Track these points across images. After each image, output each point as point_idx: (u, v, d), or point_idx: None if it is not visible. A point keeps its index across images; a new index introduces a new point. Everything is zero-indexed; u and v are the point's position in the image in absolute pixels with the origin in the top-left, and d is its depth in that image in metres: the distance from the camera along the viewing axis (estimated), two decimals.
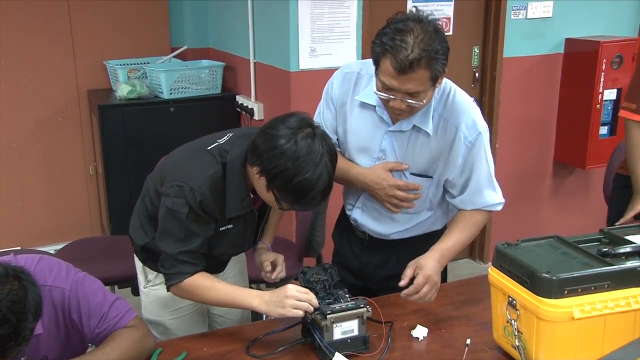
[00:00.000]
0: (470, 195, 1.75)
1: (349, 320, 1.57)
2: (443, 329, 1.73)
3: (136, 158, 3.52)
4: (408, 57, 1.47)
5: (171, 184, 1.57)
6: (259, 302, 1.58)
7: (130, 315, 1.51)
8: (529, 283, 1.39)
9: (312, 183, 1.46)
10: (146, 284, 1.84)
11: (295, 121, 1.50)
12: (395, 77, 1.51)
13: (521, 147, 3.78)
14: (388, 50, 1.49)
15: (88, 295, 1.45)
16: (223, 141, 1.63)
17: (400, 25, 1.50)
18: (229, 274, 1.92)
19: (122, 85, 3.57)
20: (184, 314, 1.82)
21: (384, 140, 1.73)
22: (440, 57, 1.50)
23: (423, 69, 1.49)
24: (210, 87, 3.70)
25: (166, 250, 1.60)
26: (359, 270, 1.97)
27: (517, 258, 1.45)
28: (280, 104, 3.25)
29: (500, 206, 1.80)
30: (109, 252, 2.70)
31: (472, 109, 1.70)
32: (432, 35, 1.49)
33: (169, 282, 1.62)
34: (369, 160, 1.78)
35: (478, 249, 3.93)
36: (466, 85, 3.64)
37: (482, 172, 1.73)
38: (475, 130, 1.68)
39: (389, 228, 1.86)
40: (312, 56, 3.09)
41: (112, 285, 2.51)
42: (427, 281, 1.67)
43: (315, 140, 1.47)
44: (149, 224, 1.73)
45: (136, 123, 3.52)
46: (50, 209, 3.99)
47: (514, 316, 1.45)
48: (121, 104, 3.52)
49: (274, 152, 1.46)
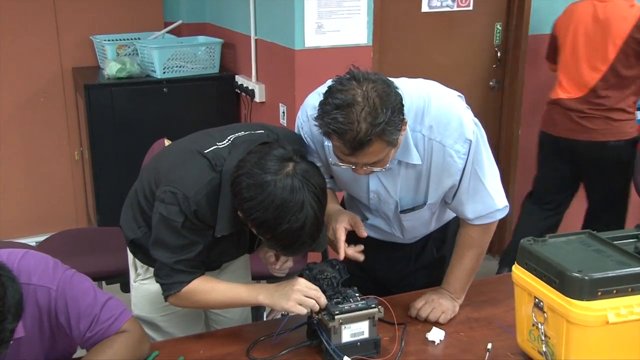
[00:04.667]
0: (473, 203, 1.73)
1: (359, 322, 1.56)
2: (461, 332, 1.72)
3: (126, 142, 3.51)
4: (356, 138, 1.44)
5: (165, 189, 1.57)
6: (265, 295, 1.59)
7: (125, 317, 1.50)
8: (558, 283, 1.38)
9: (297, 231, 1.47)
10: (136, 277, 1.85)
11: (273, 160, 1.48)
12: (349, 155, 1.50)
13: None
14: (332, 133, 1.47)
15: (77, 296, 1.44)
16: (223, 145, 1.63)
17: (339, 99, 1.45)
18: (230, 267, 1.92)
19: (110, 63, 3.55)
20: (176, 310, 1.82)
21: (371, 181, 1.74)
22: (391, 126, 1.47)
23: (376, 143, 1.47)
24: (207, 66, 3.69)
25: (161, 259, 1.61)
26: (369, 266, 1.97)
27: (545, 255, 1.44)
28: (284, 85, 3.23)
29: (506, 210, 1.77)
30: (96, 245, 2.70)
31: (454, 115, 1.64)
32: (376, 104, 1.44)
33: (166, 292, 1.64)
34: (365, 200, 1.81)
35: (497, 245, 3.92)
36: (486, 66, 3.62)
37: (487, 178, 1.71)
38: (465, 139, 1.63)
39: (396, 240, 1.91)
40: (318, 33, 3.07)
41: (100, 281, 2.51)
42: (426, 301, 1.78)
43: (295, 180, 1.46)
44: (142, 218, 1.74)
45: (126, 104, 3.51)
46: (32, 197, 3.98)
47: (541, 319, 1.45)
48: (109, 83, 3.50)
49: (251, 204, 1.46)
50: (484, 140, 1.70)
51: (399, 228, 1.86)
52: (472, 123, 1.66)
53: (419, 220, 1.83)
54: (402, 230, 1.87)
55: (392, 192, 1.75)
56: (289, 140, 1.68)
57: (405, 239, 1.91)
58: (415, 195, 1.75)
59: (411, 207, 1.77)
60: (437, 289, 1.84)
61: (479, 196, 1.72)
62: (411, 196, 1.75)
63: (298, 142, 1.74)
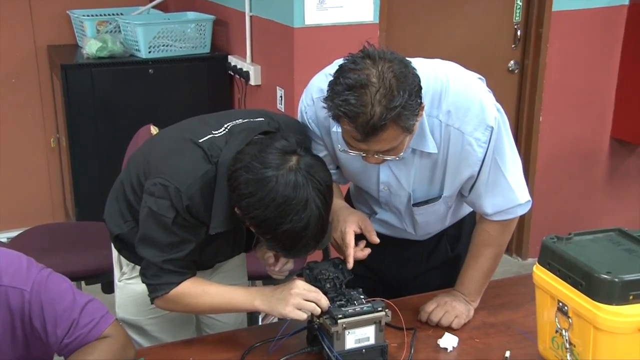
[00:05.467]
0: (492, 196, 1.73)
1: (364, 327, 1.56)
2: (476, 339, 1.73)
3: (107, 129, 3.51)
4: (369, 123, 1.43)
5: (155, 182, 1.57)
6: (261, 300, 1.59)
7: (107, 322, 1.50)
8: (585, 285, 1.38)
9: (299, 231, 1.46)
10: (121, 276, 1.86)
11: (275, 153, 1.47)
12: (361, 141, 1.50)
13: (571, 121, 3.76)
14: (343, 116, 1.46)
15: (54, 298, 1.43)
16: (219, 134, 1.62)
17: (351, 79, 1.44)
18: (224, 266, 1.92)
19: (90, 41, 3.54)
20: (165, 313, 1.83)
21: (382, 172, 1.74)
22: (408, 111, 1.46)
23: (391, 128, 1.46)
24: (197, 45, 3.68)
25: (149, 258, 1.61)
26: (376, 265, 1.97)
27: (570, 255, 1.44)
28: (281, 67, 3.22)
29: (528, 206, 1.78)
30: (75, 242, 2.70)
31: (475, 99, 1.64)
32: (392, 86, 1.43)
33: (152, 294, 1.64)
34: (374, 193, 1.81)
35: (516, 243, 3.93)
36: (505, 45, 3.61)
37: (509, 169, 1.71)
38: (486, 126, 1.63)
39: (407, 236, 1.91)
40: (320, 9, 3.06)
41: (79, 281, 2.52)
42: (438, 304, 1.78)
43: (299, 175, 1.46)
44: (128, 212, 1.74)
45: (107, 87, 3.51)
46: (3, 189, 3.98)
47: (565, 325, 1.45)
48: (89, 63, 3.50)
49: (250, 201, 1.46)
50: (506, 128, 1.69)
51: (411, 223, 1.86)
52: (494, 108, 1.66)
53: (433, 214, 1.83)
54: (414, 225, 1.86)
55: (405, 184, 1.74)
56: (292, 130, 1.68)
57: (417, 235, 1.91)
58: (429, 187, 1.74)
59: (425, 200, 1.77)
60: (450, 291, 1.84)
61: (499, 189, 1.72)
62: (425, 188, 1.75)
63: (301, 132, 1.73)
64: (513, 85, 3.72)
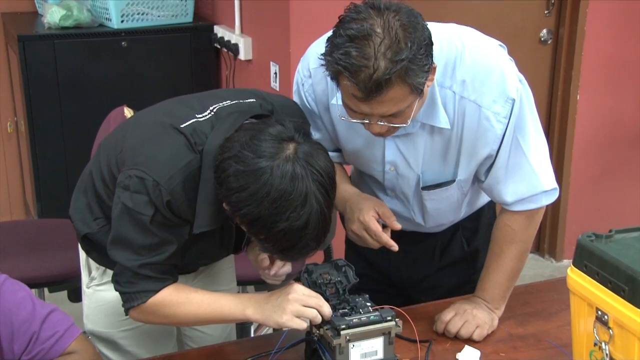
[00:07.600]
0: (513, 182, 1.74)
1: (372, 339, 1.57)
2: (502, 353, 1.73)
3: (74, 111, 3.52)
4: (372, 78, 1.43)
5: (130, 174, 1.57)
6: (254, 308, 1.59)
7: (72, 335, 1.50)
8: (628, 291, 1.38)
9: (298, 230, 1.47)
10: (89, 282, 1.86)
11: (269, 140, 1.47)
12: (362, 102, 1.50)
13: (613, 100, 3.77)
14: (343, 71, 1.46)
15: (9, 309, 1.44)
16: (203, 118, 1.62)
17: (353, 29, 1.44)
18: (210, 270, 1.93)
19: (52, 8, 3.54)
20: (141, 325, 1.83)
21: (388, 149, 1.74)
22: (416, 65, 1.46)
23: (397, 86, 1.47)
24: (178, 13, 3.69)
25: (123, 262, 1.61)
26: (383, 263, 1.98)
27: (610, 256, 1.44)
28: (275, 39, 3.23)
29: (555, 194, 1.78)
30: (36, 242, 2.71)
31: (494, 68, 1.65)
32: (399, 37, 1.44)
33: (127, 304, 1.63)
34: (379, 175, 1.81)
35: (548, 241, 3.94)
36: (537, 11, 3.61)
37: (532, 150, 1.72)
38: (507, 98, 1.64)
39: (416, 228, 1.92)
40: None
41: (40, 288, 2.53)
42: (456, 312, 1.79)
43: (297, 166, 1.46)
44: (98, 207, 1.74)
45: (73, 62, 3.51)
46: None
47: (605, 337, 1.45)
48: (51, 34, 3.50)
49: (240, 196, 1.46)
50: (529, 102, 1.70)
51: (419, 211, 1.87)
52: (515, 79, 1.66)
53: (445, 201, 1.83)
54: (423, 213, 1.87)
55: (413, 164, 1.75)
56: (288, 112, 1.68)
57: (427, 227, 1.91)
58: (442, 168, 1.75)
59: (436, 184, 1.77)
60: (470, 297, 1.85)
61: (520, 173, 1.72)
62: (437, 169, 1.75)
63: (299, 115, 1.74)
64: (545, 59, 3.72)
